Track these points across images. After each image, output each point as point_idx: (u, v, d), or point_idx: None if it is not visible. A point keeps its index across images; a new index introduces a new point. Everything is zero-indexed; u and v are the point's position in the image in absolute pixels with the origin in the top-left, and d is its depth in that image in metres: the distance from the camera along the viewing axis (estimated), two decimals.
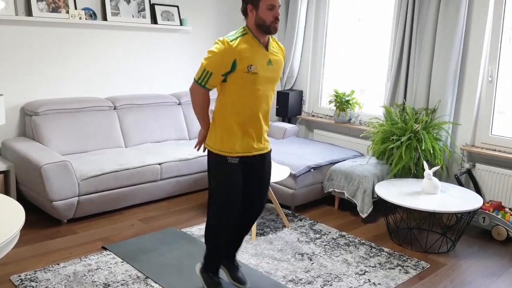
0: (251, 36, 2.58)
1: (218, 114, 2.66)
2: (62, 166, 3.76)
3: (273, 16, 2.53)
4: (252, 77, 2.54)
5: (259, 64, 2.56)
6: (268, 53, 2.62)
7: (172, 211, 4.31)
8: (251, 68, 2.52)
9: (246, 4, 2.56)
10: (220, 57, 2.51)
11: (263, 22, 2.53)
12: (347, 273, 3.27)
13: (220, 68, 2.52)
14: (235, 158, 2.63)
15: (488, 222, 3.91)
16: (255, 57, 2.55)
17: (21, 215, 2.55)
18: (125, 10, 4.88)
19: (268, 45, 2.64)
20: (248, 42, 2.56)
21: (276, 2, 2.53)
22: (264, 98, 2.65)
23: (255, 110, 2.64)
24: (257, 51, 2.57)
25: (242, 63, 2.51)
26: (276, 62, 2.66)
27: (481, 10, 4.12)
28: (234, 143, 2.62)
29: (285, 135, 5.34)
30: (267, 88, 2.64)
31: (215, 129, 2.67)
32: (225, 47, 2.50)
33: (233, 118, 2.61)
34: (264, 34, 2.59)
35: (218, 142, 2.64)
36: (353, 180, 4.24)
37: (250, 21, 2.58)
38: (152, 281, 3.07)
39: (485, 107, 4.25)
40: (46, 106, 4.32)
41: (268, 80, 2.63)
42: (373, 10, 5.07)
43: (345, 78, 5.35)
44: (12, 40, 4.26)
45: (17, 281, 2.99)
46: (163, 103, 5.10)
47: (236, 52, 2.49)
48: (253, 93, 2.59)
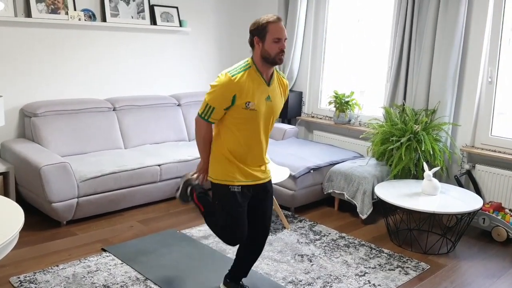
0: (255, 70, 2.57)
1: (215, 148, 2.67)
2: (61, 168, 3.76)
3: (279, 48, 2.51)
4: (250, 114, 2.54)
5: (258, 100, 2.55)
6: (269, 89, 2.61)
7: (172, 212, 4.30)
8: (249, 105, 2.52)
9: (253, 36, 2.56)
10: (221, 92, 2.51)
11: (268, 55, 2.52)
12: (347, 275, 3.27)
13: (221, 102, 2.53)
14: (237, 186, 2.64)
15: (488, 223, 3.91)
16: (254, 93, 2.54)
17: (21, 216, 2.55)
18: (124, 11, 4.88)
19: (270, 81, 2.63)
20: (250, 76, 2.54)
21: (282, 35, 2.52)
22: (262, 132, 2.65)
23: (253, 144, 2.64)
24: (257, 87, 2.56)
25: (241, 98, 2.50)
26: (275, 98, 2.64)
27: (481, 11, 4.13)
28: (234, 173, 2.63)
29: (285, 136, 5.34)
30: (265, 123, 2.64)
31: (215, 160, 2.68)
32: (226, 81, 2.49)
33: (229, 151, 2.62)
34: (269, 65, 2.58)
35: (219, 172, 2.65)
36: (353, 181, 4.23)
37: (256, 52, 2.56)
38: (152, 282, 3.06)
39: (485, 108, 4.25)
40: (46, 107, 4.32)
41: (267, 116, 2.63)
42: (373, 11, 5.07)
43: (345, 79, 5.35)
44: (11, 41, 4.26)
45: (16, 282, 2.98)
46: (162, 104, 5.09)
47: (236, 87, 2.49)
48: (251, 127, 2.59)
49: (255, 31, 2.54)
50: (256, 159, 2.68)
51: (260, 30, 2.51)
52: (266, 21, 2.50)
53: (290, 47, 5.41)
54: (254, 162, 2.68)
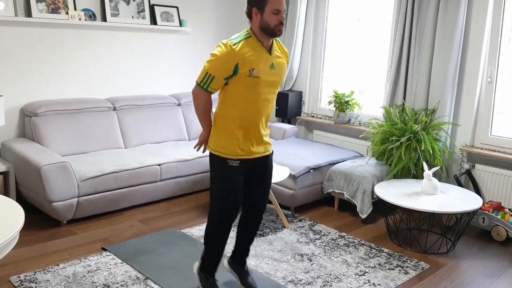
0: (255, 39, 2.56)
1: (219, 117, 2.66)
2: (61, 167, 3.76)
3: (278, 20, 2.51)
4: (254, 81, 2.53)
5: (261, 68, 2.54)
6: (271, 57, 2.61)
7: (172, 212, 4.31)
8: (253, 72, 2.51)
9: (251, 7, 2.55)
10: (223, 60, 2.50)
11: (267, 26, 2.52)
12: (346, 274, 3.27)
13: (222, 71, 2.52)
14: (235, 160, 2.62)
15: (488, 223, 3.91)
16: (257, 61, 2.53)
17: (21, 216, 2.55)
18: (124, 11, 4.89)
19: (271, 49, 2.62)
20: (251, 46, 2.54)
21: (281, 7, 2.51)
22: (266, 102, 2.64)
23: (256, 114, 2.63)
24: (259, 55, 2.55)
25: (244, 67, 2.49)
26: (278, 66, 2.64)
27: (481, 10, 4.13)
28: (235, 146, 2.62)
29: (285, 135, 5.35)
30: (268, 92, 2.63)
31: (216, 131, 2.67)
32: (228, 50, 2.49)
33: (233, 121, 2.60)
34: (268, 37, 2.58)
35: (219, 144, 2.64)
36: (352, 180, 4.24)
37: (255, 23, 2.56)
38: (152, 282, 3.07)
39: (485, 108, 4.25)
40: (46, 107, 4.32)
41: (270, 84, 2.62)
42: (373, 11, 5.07)
43: (345, 79, 5.35)
44: (11, 41, 4.26)
45: (17, 282, 2.98)
46: (162, 104, 5.10)
47: (238, 56, 2.48)
48: (255, 96, 2.58)
49: (254, 1, 2.52)
50: (259, 130, 2.66)
51: (260, 1, 2.50)
52: None
53: (290, 46, 5.42)
54: (258, 132, 2.66)
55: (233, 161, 2.62)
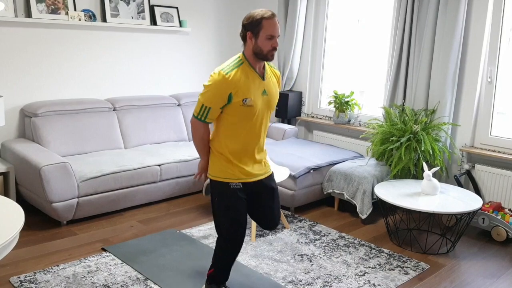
0: (247, 65, 2.55)
1: (214, 144, 2.65)
2: (61, 168, 3.76)
3: (271, 45, 2.50)
4: (248, 110, 2.53)
5: (254, 96, 2.54)
6: (264, 83, 2.60)
7: (172, 212, 4.31)
8: (247, 101, 2.51)
9: (246, 31, 2.53)
10: (216, 91, 2.48)
11: (260, 51, 2.50)
12: (346, 274, 3.27)
13: (217, 102, 2.51)
14: (237, 184, 2.63)
15: (488, 223, 3.91)
16: (250, 89, 2.52)
17: (21, 216, 2.55)
18: (124, 11, 4.89)
19: (264, 74, 2.62)
20: (244, 73, 2.52)
21: (275, 33, 2.50)
22: (260, 127, 2.65)
23: (252, 139, 2.63)
24: (252, 82, 2.54)
25: (238, 96, 2.48)
26: (270, 92, 2.64)
27: (480, 11, 4.13)
28: (234, 170, 2.62)
29: (285, 136, 5.35)
30: (262, 117, 2.64)
31: (213, 158, 2.67)
32: (220, 79, 2.46)
33: (228, 148, 2.60)
34: (261, 61, 2.57)
35: (218, 170, 2.64)
36: (352, 181, 4.24)
37: (248, 47, 2.54)
38: (152, 282, 3.07)
39: (485, 108, 4.25)
40: (46, 107, 4.32)
41: (264, 111, 2.62)
42: (373, 11, 5.07)
43: (345, 79, 5.35)
44: (11, 41, 4.26)
45: (17, 282, 2.98)
46: (162, 104, 5.10)
47: (231, 85, 2.46)
48: (249, 123, 2.58)
49: (249, 26, 2.51)
50: (255, 155, 2.67)
51: (254, 25, 2.48)
52: (261, 16, 2.47)
53: (289, 47, 5.42)
54: (253, 159, 2.67)
55: (235, 184, 2.63)
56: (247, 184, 2.66)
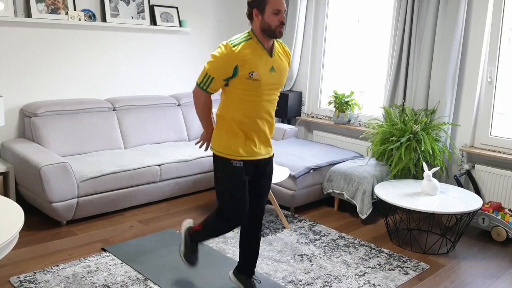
0: (256, 41, 2.56)
1: (220, 118, 2.65)
2: (61, 168, 3.76)
3: (278, 20, 2.50)
4: (254, 84, 2.53)
5: (262, 70, 2.54)
6: (272, 59, 2.60)
7: (172, 212, 4.31)
8: (253, 75, 2.51)
9: (251, 8, 2.54)
10: (222, 62, 2.50)
11: (268, 27, 2.51)
12: (346, 274, 3.27)
13: (221, 73, 2.51)
14: (239, 161, 2.62)
15: (488, 223, 3.91)
16: (257, 64, 2.52)
17: (20, 216, 2.55)
18: (124, 11, 4.88)
19: (272, 51, 2.61)
20: (252, 47, 2.53)
21: (282, 7, 2.51)
22: (267, 104, 2.64)
23: (257, 116, 2.62)
24: (260, 57, 2.55)
25: (244, 69, 2.49)
26: (279, 68, 2.64)
27: (481, 11, 4.13)
28: (238, 147, 2.61)
29: (285, 136, 5.35)
30: (269, 94, 2.63)
31: (218, 132, 2.67)
32: (227, 51, 2.48)
33: (235, 122, 2.60)
34: (269, 38, 2.57)
35: (222, 145, 2.64)
36: (352, 181, 4.24)
37: (256, 25, 2.55)
38: (152, 282, 3.06)
39: (485, 108, 4.25)
40: (45, 107, 4.32)
41: (271, 86, 2.62)
42: (373, 11, 5.07)
43: (345, 79, 5.35)
44: (11, 41, 4.26)
45: (16, 282, 2.98)
46: (162, 104, 5.10)
47: (238, 58, 2.47)
48: (256, 98, 2.58)
49: (254, 3, 2.52)
50: (261, 132, 2.66)
51: (260, 1, 2.50)
52: None
53: (289, 47, 5.41)
54: (259, 135, 2.66)
55: (237, 162, 2.62)
56: (248, 163, 2.65)
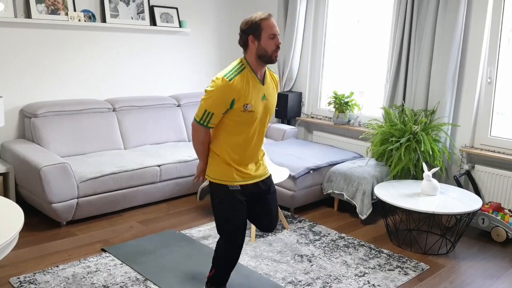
0: (249, 70, 2.55)
1: (213, 147, 2.66)
2: (61, 168, 3.76)
3: (275, 44, 2.51)
4: (248, 115, 2.54)
5: (255, 101, 2.55)
6: (264, 87, 2.61)
7: (172, 213, 4.31)
8: (247, 107, 2.51)
9: (246, 36, 2.52)
10: (220, 97, 2.47)
11: (265, 52, 2.50)
12: (346, 275, 3.27)
13: (220, 107, 2.50)
14: (236, 186, 2.64)
15: (488, 224, 3.91)
16: (251, 95, 2.53)
17: (20, 217, 2.55)
18: (124, 12, 4.89)
19: (264, 79, 2.62)
20: (246, 79, 2.52)
21: (276, 31, 2.52)
22: (259, 131, 2.66)
23: (250, 143, 2.64)
24: (253, 88, 2.54)
25: (239, 102, 2.49)
26: (270, 96, 2.65)
27: (480, 11, 4.13)
28: (232, 173, 2.63)
29: (284, 136, 5.35)
30: (262, 121, 2.65)
31: (213, 160, 2.67)
32: (224, 85, 2.46)
33: (227, 152, 2.61)
34: (264, 64, 2.57)
35: (217, 172, 2.65)
36: (352, 181, 4.24)
37: (251, 52, 2.54)
38: (152, 283, 3.06)
39: (484, 109, 4.25)
40: (45, 108, 4.32)
41: (263, 115, 2.63)
42: (372, 12, 5.07)
43: (344, 80, 5.35)
44: (11, 42, 4.26)
45: (16, 283, 2.98)
46: (162, 105, 5.10)
47: (235, 91, 2.46)
48: (249, 128, 2.60)
49: (249, 29, 2.51)
50: (253, 158, 2.69)
51: (255, 28, 2.49)
52: (259, 18, 2.49)
53: (289, 47, 5.42)
54: (251, 161, 2.69)
55: (234, 186, 2.64)
56: (245, 187, 2.67)
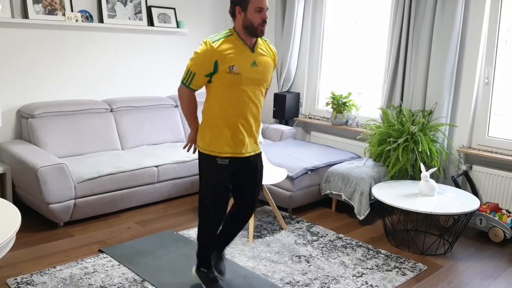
0: (237, 37, 2.59)
1: (205, 115, 2.68)
2: (58, 169, 3.75)
3: (261, 18, 2.54)
4: (235, 78, 2.55)
5: (242, 64, 2.56)
6: (254, 54, 2.62)
7: (169, 213, 4.30)
8: (233, 69, 2.54)
9: (234, 6, 2.58)
10: (202, 58, 2.55)
11: (250, 24, 2.54)
12: (344, 275, 3.27)
13: (202, 68, 2.56)
14: (224, 159, 2.64)
15: (485, 224, 3.92)
16: (238, 58, 2.55)
17: (17, 218, 2.54)
18: (121, 12, 4.88)
19: (254, 47, 2.64)
20: (232, 43, 2.57)
21: (264, 5, 2.54)
22: (251, 100, 2.65)
23: (242, 112, 2.64)
24: (241, 52, 2.57)
25: (224, 63, 2.52)
26: (262, 64, 2.65)
27: (478, 12, 4.14)
28: (223, 144, 2.63)
29: (282, 137, 5.34)
30: (253, 90, 2.64)
31: (203, 130, 2.69)
32: (207, 48, 2.53)
33: (220, 119, 2.62)
34: (252, 36, 2.59)
35: (207, 142, 2.66)
36: (350, 182, 4.24)
37: (238, 23, 2.59)
38: (149, 284, 3.06)
39: (482, 109, 4.26)
40: (43, 108, 4.31)
41: (253, 81, 2.63)
42: (370, 12, 5.08)
43: (342, 80, 5.36)
44: (8, 42, 4.25)
45: (13, 284, 2.97)
46: (160, 106, 5.09)
47: (217, 53, 2.52)
48: (239, 93, 2.60)
49: (237, 0, 2.55)
50: (246, 126, 2.67)
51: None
52: None
53: (287, 48, 5.42)
54: (244, 129, 2.67)
55: (222, 159, 2.63)
56: (234, 160, 2.67)
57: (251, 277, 3.19)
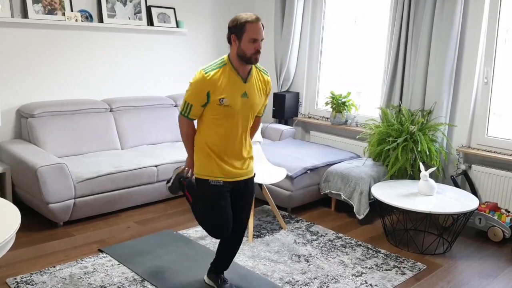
0: (230, 67, 2.59)
1: (196, 142, 2.72)
2: (58, 169, 3.75)
3: (254, 48, 2.53)
4: (226, 110, 2.57)
5: (232, 96, 2.56)
6: (246, 85, 2.62)
7: (169, 213, 4.30)
8: (223, 101, 2.55)
9: (230, 34, 2.58)
10: (196, 89, 2.57)
11: (243, 54, 2.54)
12: (343, 275, 3.27)
13: (197, 100, 2.58)
14: (217, 181, 2.67)
15: (484, 223, 3.92)
16: (228, 90, 2.56)
17: (17, 217, 2.54)
18: (121, 12, 4.88)
19: (248, 77, 2.64)
20: (225, 74, 2.57)
21: (259, 36, 2.53)
22: (240, 129, 2.67)
23: (230, 141, 2.66)
24: (232, 83, 2.57)
25: (215, 95, 2.54)
26: (252, 95, 2.65)
27: (477, 12, 4.14)
28: (213, 168, 2.66)
29: (282, 136, 5.35)
30: (243, 120, 2.66)
31: (196, 155, 2.73)
32: (199, 78, 2.54)
33: (209, 146, 2.65)
34: (245, 64, 2.59)
35: (200, 167, 2.71)
36: (349, 181, 4.24)
37: (233, 50, 2.58)
38: (149, 283, 3.06)
39: (481, 109, 4.26)
40: (42, 108, 4.31)
41: (243, 113, 2.64)
42: (369, 12, 5.08)
43: (342, 80, 5.36)
44: (7, 42, 4.25)
45: (13, 284, 2.97)
46: (159, 105, 5.09)
47: (209, 84, 2.52)
48: (228, 124, 2.62)
49: (233, 28, 2.55)
50: (235, 154, 2.70)
51: (238, 28, 2.53)
52: (245, 20, 2.51)
53: (286, 47, 5.42)
54: (233, 158, 2.69)
55: (214, 181, 2.67)
56: (226, 183, 2.69)
57: (251, 277, 3.19)
